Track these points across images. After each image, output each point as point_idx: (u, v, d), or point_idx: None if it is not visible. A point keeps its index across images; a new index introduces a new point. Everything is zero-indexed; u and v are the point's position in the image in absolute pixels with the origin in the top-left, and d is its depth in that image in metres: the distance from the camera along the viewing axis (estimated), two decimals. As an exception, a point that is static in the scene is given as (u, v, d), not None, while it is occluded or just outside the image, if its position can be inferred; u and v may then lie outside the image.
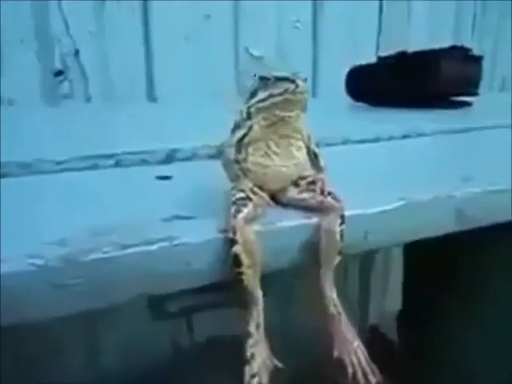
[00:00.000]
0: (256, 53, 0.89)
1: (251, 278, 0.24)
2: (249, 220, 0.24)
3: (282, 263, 0.26)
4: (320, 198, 0.26)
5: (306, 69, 0.92)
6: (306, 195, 0.27)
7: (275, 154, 0.25)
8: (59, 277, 0.21)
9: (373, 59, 0.98)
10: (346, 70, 0.76)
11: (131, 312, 0.74)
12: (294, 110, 0.24)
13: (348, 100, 0.76)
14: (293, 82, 0.23)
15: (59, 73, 0.76)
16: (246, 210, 0.24)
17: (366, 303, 1.11)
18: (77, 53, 0.76)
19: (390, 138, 0.45)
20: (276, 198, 0.27)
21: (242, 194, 0.25)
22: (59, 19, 0.74)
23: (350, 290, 1.05)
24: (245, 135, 0.25)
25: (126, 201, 0.28)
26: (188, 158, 0.37)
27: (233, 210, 0.24)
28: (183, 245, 0.23)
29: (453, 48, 0.63)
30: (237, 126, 0.26)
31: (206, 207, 0.27)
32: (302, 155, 0.26)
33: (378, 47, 1.00)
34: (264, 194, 0.26)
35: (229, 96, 0.85)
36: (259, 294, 0.25)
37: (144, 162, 0.35)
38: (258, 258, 0.24)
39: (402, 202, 0.30)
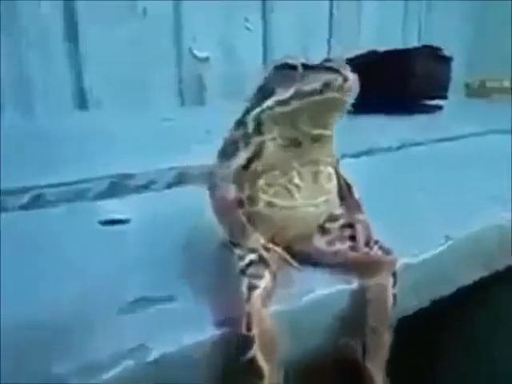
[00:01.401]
0: (201, 54, 0.79)
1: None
2: (267, 301, 0.15)
3: (310, 352, 0.17)
4: (364, 249, 0.17)
5: (256, 69, 0.84)
6: (340, 246, 0.18)
7: (298, 188, 0.16)
8: None
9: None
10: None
11: None
12: (331, 122, 0.15)
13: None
14: (337, 72, 0.14)
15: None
16: (262, 285, 0.15)
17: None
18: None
19: (388, 150, 0.38)
20: (298, 253, 0.18)
21: (252, 256, 0.15)
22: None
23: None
24: (251, 160, 0.16)
25: (55, 271, 0.17)
26: (143, 187, 0.26)
27: (243, 287, 0.14)
28: (164, 358, 0.13)
29: (424, 47, 0.58)
30: (232, 147, 0.17)
31: (185, 275, 0.17)
32: (333, 187, 0.18)
33: (329, 49, 0.95)
34: (283, 252, 0.16)
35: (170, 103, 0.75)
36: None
37: (78, 197, 0.24)
38: (278, 356, 0.15)
39: (449, 243, 0.22)
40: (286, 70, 0.15)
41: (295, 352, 0.16)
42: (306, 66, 0.14)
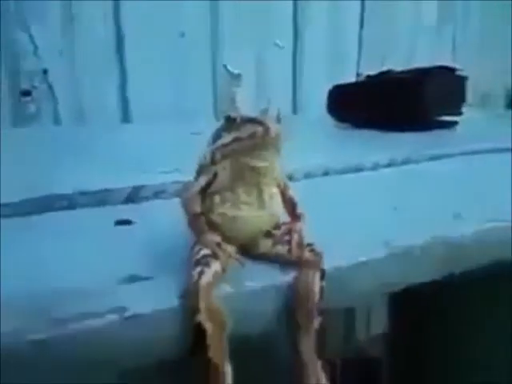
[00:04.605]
0: (234, 71, 0.86)
1: (218, 351, 0.21)
2: (214, 283, 0.21)
3: (253, 329, 0.23)
4: (296, 251, 0.23)
5: (286, 86, 0.91)
6: (280, 249, 0.23)
7: (245, 203, 0.22)
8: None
9: (353, 78, 0.97)
10: (328, 88, 0.73)
11: None
12: (265, 157, 0.21)
13: (331, 120, 0.73)
14: (261, 124, 0.20)
15: (26, 93, 0.72)
16: (210, 272, 0.21)
17: (352, 324, 1.08)
18: (45, 72, 0.73)
19: (374, 167, 0.42)
20: (248, 252, 0.24)
21: (206, 251, 0.21)
22: (25, 36, 0.70)
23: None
24: (209, 183, 0.22)
25: (76, 254, 0.24)
26: (154, 196, 0.33)
27: (195, 272, 0.21)
28: (135, 317, 0.20)
29: (437, 68, 0.61)
30: (201, 170, 0.23)
31: (167, 262, 0.23)
32: (275, 203, 0.23)
33: (358, 66, 0.99)
34: (233, 250, 0.22)
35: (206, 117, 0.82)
36: (228, 368, 0.21)
37: (102, 203, 0.31)
38: (224, 326, 0.21)
39: (386, 252, 0.27)
40: (230, 120, 0.21)
41: (238, 325, 0.22)
42: (243, 118, 0.20)
